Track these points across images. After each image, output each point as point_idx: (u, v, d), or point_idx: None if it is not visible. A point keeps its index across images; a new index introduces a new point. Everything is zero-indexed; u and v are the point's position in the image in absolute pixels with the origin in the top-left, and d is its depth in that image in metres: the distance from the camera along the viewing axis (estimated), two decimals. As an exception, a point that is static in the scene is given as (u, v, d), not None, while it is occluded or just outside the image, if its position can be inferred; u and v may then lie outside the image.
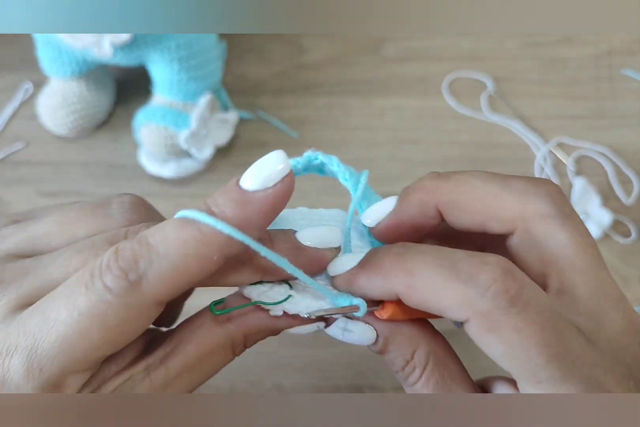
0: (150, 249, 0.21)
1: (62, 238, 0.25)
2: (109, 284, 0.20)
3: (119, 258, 0.21)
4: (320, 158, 0.27)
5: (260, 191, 0.21)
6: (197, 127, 0.47)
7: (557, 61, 0.54)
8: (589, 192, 0.48)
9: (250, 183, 0.21)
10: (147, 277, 0.20)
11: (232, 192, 0.22)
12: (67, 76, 0.49)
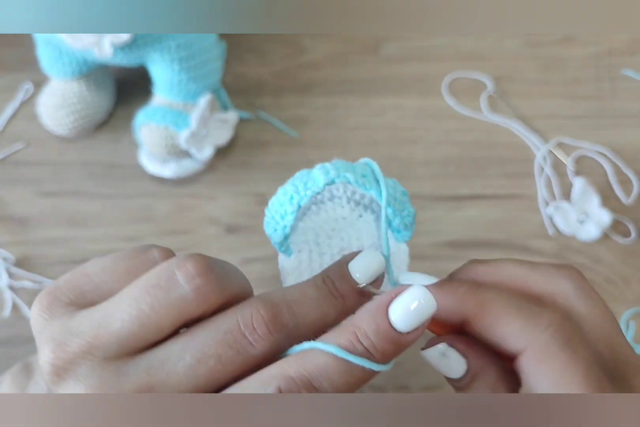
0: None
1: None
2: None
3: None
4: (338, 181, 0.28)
5: (412, 333, 0.23)
6: (197, 127, 0.47)
7: (557, 61, 0.54)
8: (589, 192, 0.48)
9: (404, 326, 0.23)
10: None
11: (389, 335, 0.23)
12: (68, 76, 0.49)
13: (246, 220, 0.49)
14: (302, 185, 0.28)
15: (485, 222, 0.49)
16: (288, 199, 0.28)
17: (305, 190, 0.27)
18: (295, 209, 0.27)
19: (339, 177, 0.27)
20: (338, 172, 0.27)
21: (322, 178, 0.27)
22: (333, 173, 0.27)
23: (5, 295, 0.46)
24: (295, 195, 0.28)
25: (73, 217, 0.49)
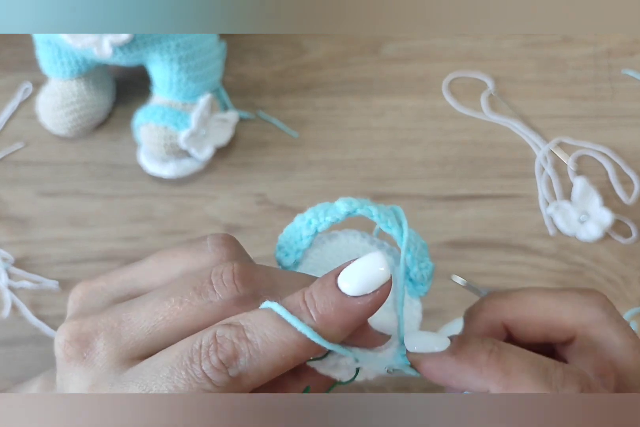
0: (250, 347, 0.22)
1: (158, 275, 0.26)
2: (209, 375, 0.21)
3: (218, 350, 0.22)
4: (359, 212, 0.27)
5: (359, 299, 0.22)
6: (197, 127, 0.47)
7: (557, 61, 0.54)
8: (590, 191, 0.48)
9: (348, 286, 0.22)
10: (246, 374, 0.22)
11: (332, 295, 0.22)
12: (67, 76, 0.48)
13: (246, 220, 0.49)
14: (322, 212, 0.27)
15: (485, 222, 0.49)
16: (306, 224, 0.27)
17: (325, 217, 0.27)
18: (312, 233, 0.27)
19: (362, 208, 0.27)
20: (361, 204, 0.27)
21: (344, 207, 0.27)
22: (356, 204, 0.27)
23: (5, 295, 0.46)
24: (313, 221, 0.27)
25: (73, 217, 0.49)
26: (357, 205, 0.27)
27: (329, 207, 0.28)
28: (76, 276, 0.47)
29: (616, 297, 0.46)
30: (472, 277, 0.47)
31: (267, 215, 0.49)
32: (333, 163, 0.51)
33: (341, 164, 0.51)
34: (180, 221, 0.49)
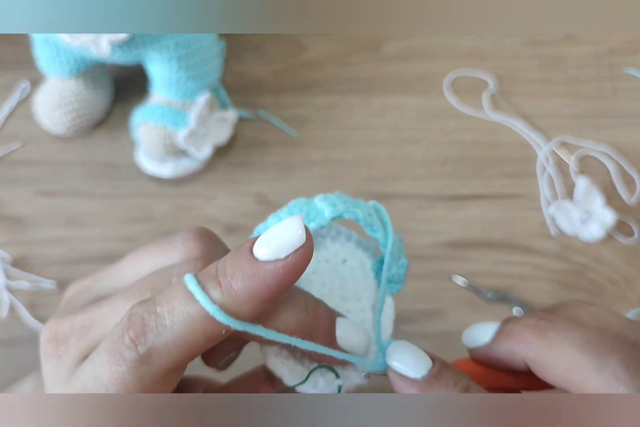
0: (157, 320, 0.21)
1: (130, 273, 0.25)
2: (123, 354, 0.21)
3: (130, 327, 0.21)
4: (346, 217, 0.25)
5: (270, 263, 0.21)
6: (196, 126, 0.47)
7: (559, 60, 0.54)
8: (592, 191, 0.48)
9: (263, 252, 0.21)
10: (154, 350, 0.21)
11: (243, 260, 0.21)
12: (65, 75, 0.48)
13: (246, 220, 0.49)
14: (303, 215, 0.25)
15: (486, 222, 0.49)
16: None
17: (309, 222, 0.24)
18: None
19: (348, 212, 0.24)
20: (346, 206, 0.24)
21: (329, 211, 0.24)
22: (341, 207, 0.24)
23: (2, 296, 0.46)
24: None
25: (71, 217, 0.49)
26: (343, 209, 0.24)
27: (309, 210, 0.25)
28: (74, 276, 0.47)
29: (618, 297, 0.46)
30: (472, 277, 0.47)
31: (266, 215, 0.48)
32: (333, 162, 0.50)
33: (341, 164, 0.50)
34: (179, 221, 0.48)
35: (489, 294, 0.46)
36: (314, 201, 0.25)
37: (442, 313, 0.46)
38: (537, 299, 0.46)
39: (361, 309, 0.26)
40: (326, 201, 0.25)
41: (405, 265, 0.27)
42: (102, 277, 0.26)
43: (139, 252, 0.26)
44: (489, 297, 0.46)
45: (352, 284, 0.26)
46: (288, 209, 0.25)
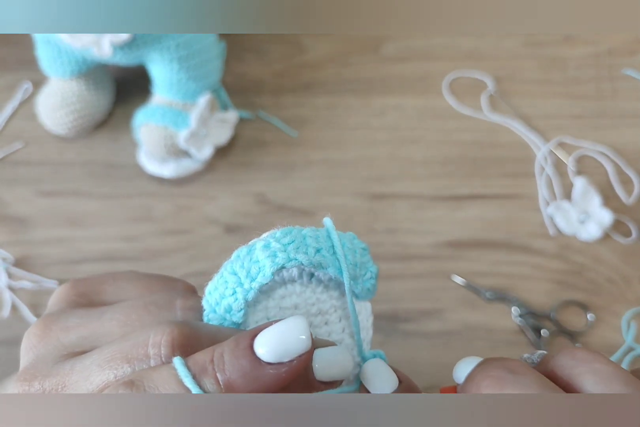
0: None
1: (107, 329, 0.24)
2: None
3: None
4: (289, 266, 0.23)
5: (273, 366, 0.20)
6: (197, 127, 0.47)
7: (558, 61, 0.54)
8: (590, 191, 0.48)
9: (265, 352, 0.20)
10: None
11: (244, 359, 0.20)
12: (67, 76, 0.48)
13: (246, 220, 0.49)
14: (244, 274, 0.23)
15: (486, 222, 0.49)
16: (230, 293, 0.23)
17: (251, 283, 0.23)
18: (241, 306, 0.23)
19: (290, 261, 0.23)
20: (287, 254, 0.23)
21: (269, 265, 0.23)
22: (282, 257, 0.23)
23: (5, 295, 0.46)
24: (238, 289, 0.23)
25: (72, 217, 0.49)
26: (284, 259, 0.23)
27: (251, 265, 0.23)
28: (75, 275, 0.47)
29: (616, 297, 0.46)
30: (472, 276, 0.47)
31: (267, 215, 0.49)
32: (333, 163, 0.51)
33: (341, 164, 0.51)
34: (179, 221, 0.49)
35: (488, 294, 0.46)
36: (255, 252, 0.24)
37: (441, 313, 0.46)
38: (535, 299, 0.46)
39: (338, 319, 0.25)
40: (266, 252, 0.23)
41: (374, 274, 0.26)
42: (78, 333, 0.24)
43: (131, 320, 0.24)
44: (488, 297, 0.46)
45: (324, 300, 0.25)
46: (231, 267, 0.24)
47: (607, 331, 0.45)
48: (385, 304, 0.46)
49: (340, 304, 0.25)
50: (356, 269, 0.25)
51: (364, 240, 0.50)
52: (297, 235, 0.24)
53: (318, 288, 0.25)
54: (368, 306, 0.27)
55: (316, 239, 0.24)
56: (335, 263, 0.24)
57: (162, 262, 0.47)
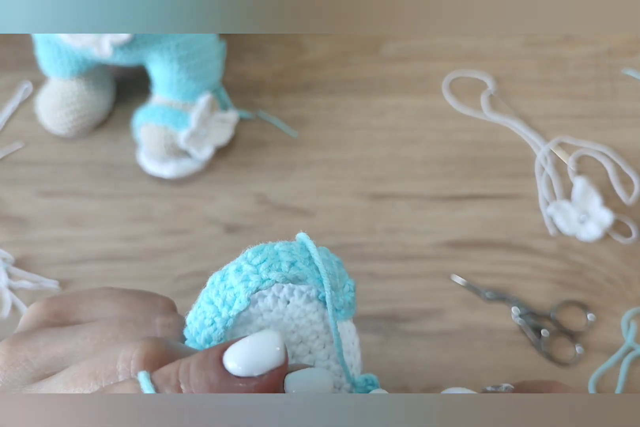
0: None
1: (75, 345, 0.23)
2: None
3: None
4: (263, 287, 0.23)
5: (242, 380, 0.19)
6: (197, 127, 0.47)
7: (558, 61, 0.54)
8: (590, 191, 0.48)
9: (235, 366, 0.19)
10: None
11: (211, 371, 0.19)
12: (67, 76, 0.48)
13: (246, 220, 0.49)
14: (220, 302, 0.23)
15: (486, 222, 0.49)
16: (209, 323, 0.23)
17: (228, 311, 0.23)
18: (221, 335, 0.23)
19: (263, 282, 0.22)
20: (260, 276, 0.22)
21: (243, 290, 0.22)
22: (254, 280, 0.22)
23: (4, 295, 0.46)
24: (217, 319, 0.23)
25: (72, 217, 0.49)
26: (257, 282, 0.22)
27: (226, 293, 0.23)
28: (75, 275, 0.47)
29: (616, 297, 0.46)
30: (471, 276, 0.47)
31: (267, 215, 0.49)
32: (333, 163, 0.51)
33: (341, 164, 0.51)
34: (179, 221, 0.49)
35: (488, 294, 0.46)
36: (228, 278, 0.23)
37: (441, 313, 0.46)
38: (535, 299, 0.46)
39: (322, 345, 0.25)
40: (239, 277, 0.23)
41: (352, 288, 0.25)
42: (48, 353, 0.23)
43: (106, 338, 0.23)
44: (488, 297, 0.46)
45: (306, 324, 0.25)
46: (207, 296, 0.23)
47: (607, 331, 0.45)
48: (385, 304, 0.46)
49: (321, 329, 0.25)
50: (336, 279, 0.24)
51: (363, 240, 0.50)
52: (268, 252, 0.23)
53: (295, 313, 0.24)
54: (352, 327, 0.26)
55: (289, 253, 0.23)
56: (314, 273, 0.23)
57: (162, 262, 0.47)
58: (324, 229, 0.48)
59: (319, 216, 0.49)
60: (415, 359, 0.44)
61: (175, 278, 0.47)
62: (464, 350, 0.45)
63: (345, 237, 0.48)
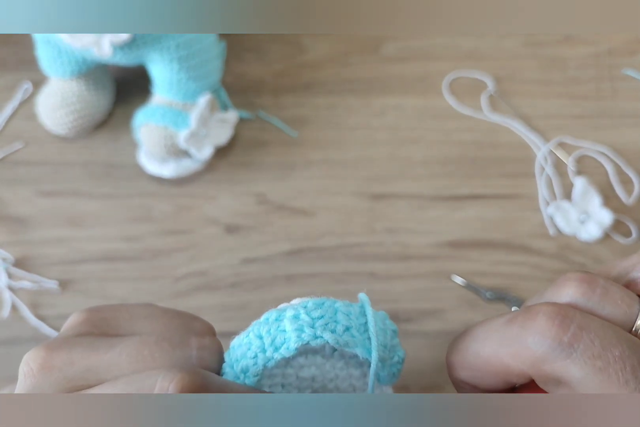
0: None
1: (113, 368, 0.23)
2: None
3: None
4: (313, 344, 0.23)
5: None
6: (197, 127, 0.47)
7: (558, 61, 0.54)
8: (590, 191, 0.48)
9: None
10: None
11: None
12: (67, 76, 0.48)
13: (246, 220, 0.49)
14: (269, 341, 0.23)
15: (486, 222, 0.49)
16: (252, 355, 0.23)
17: (274, 352, 0.23)
18: (259, 371, 0.23)
19: (316, 338, 0.22)
20: (314, 331, 0.22)
21: (294, 340, 0.22)
22: (308, 333, 0.22)
23: (4, 295, 0.46)
24: (260, 355, 0.23)
25: (72, 217, 0.49)
26: (310, 336, 0.22)
27: (277, 333, 0.23)
28: (75, 275, 0.47)
29: (616, 297, 0.46)
30: (472, 277, 0.47)
31: (267, 215, 0.49)
32: (333, 162, 0.51)
33: (341, 164, 0.51)
34: (179, 221, 0.49)
35: (488, 294, 0.46)
36: (284, 321, 0.23)
37: (441, 313, 0.46)
38: (535, 299, 0.46)
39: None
40: (294, 324, 0.23)
41: (401, 359, 0.25)
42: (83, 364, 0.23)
43: (142, 356, 0.23)
44: (488, 297, 0.46)
45: (344, 377, 0.25)
46: (258, 330, 0.23)
47: (607, 331, 0.45)
48: (385, 304, 0.46)
49: (359, 385, 0.25)
50: (386, 351, 0.24)
51: (363, 240, 0.50)
52: (328, 309, 0.23)
53: (339, 363, 0.25)
54: (389, 390, 0.26)
55: (347, 316, 0.23)
56: (365, 343, 0.23)
57: (162, 262, 0.47)
58: (324, 229, 0.48)
59: (319, 216, 0.49)
60: (415, 358, 0.44)
61: (175, 278, 0.47)
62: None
63: (345, 237, 0.48)
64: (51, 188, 0.50)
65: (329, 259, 0.47)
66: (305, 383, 0.24)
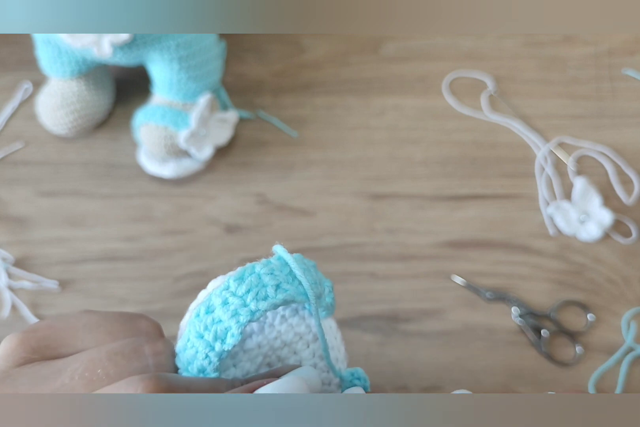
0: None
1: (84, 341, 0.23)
2: None
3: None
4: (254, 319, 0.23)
5: None
6: (197, 127, 0.47)
7: (558, 61, 0.54)
8: (590, 191, 0.48)
9: None
10: None
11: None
12: (67, 76, 0.48)
13: (246, 220, 0.49)
14: (211, 336, 0.22)
15: (486, 222, 0.49)
16: (202, 357, 0.23)
17: (222, 345, 0.22)
18: (217, 366, 0.23)
19: (254, 314, 0.22)
20: (249, 309, 0.22)
21: (235, 326, 0.22)
22: (244, 314, 0.22)
23: (4, 295, 0.46)
24: (211, 353, 0.23)
25: (72, 217, 0.49)
26: (248, 316, 0.22)
27: (216, 327, 0.22)
28: (75, 275, 0.47)
29: (616, 297, 0.46)
30: (471, 277, 0.47)
31: (267, 215, 0.49)
32: (333, 162, 0.51)
33: (341, 164, 0.51)
34: (179, 221, 0.49)
35: (488, 294, 0.46)
36: (215, 311, 0.23)
37: (441, 312, 0.46)
38: (535, 299, 0.46)
39: (306, 345, 0.25)
40: (227, 312, 0.22)
41: (331, 288, 0.25)
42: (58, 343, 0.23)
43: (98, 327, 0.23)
44: (488, 297, 0.46)
45: (286, 331, 0.25)
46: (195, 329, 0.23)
47: (607, 331, 0.45)
48: (385, 304, 0.46)
49: (303, 330, 0.25)
50: (318, 286, 0.24)
51: (363, 240, 0.50)
52: (251, 279, 0.23)
53: (275, 320, 0.25)
54: (333, 324, 0.26)
55: (272, 275, 0.23)
56: (299, 289, 0.23)
57: (162, 262, 0.47)
58: (324, 229, 0.48)
59: (319, 216, 0.49)
60: (415, 359, 0.44)
61: (175, 278, 0.47)
62: (463, 350, 0.45)
63: (345, 237, 0.48)
64: (51, 188, 0.50)
65: (329, 259, 0.47)
66: (254, 353, 0.24)
